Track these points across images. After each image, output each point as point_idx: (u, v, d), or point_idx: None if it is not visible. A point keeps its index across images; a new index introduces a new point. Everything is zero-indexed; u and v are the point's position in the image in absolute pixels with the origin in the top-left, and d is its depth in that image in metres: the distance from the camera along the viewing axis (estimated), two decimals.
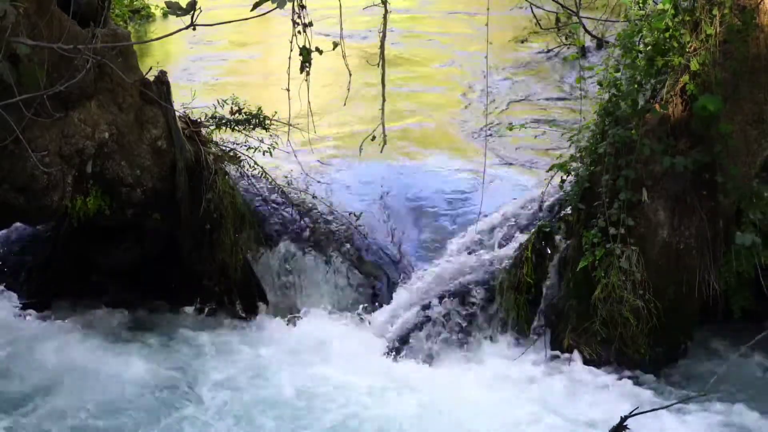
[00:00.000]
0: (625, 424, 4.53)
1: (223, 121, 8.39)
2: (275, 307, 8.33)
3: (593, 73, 7.96)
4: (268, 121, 8.40)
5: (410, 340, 7.80)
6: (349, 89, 6.76)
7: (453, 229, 8.61)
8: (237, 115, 8.43)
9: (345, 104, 7.19)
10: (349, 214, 8.59)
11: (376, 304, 8.12)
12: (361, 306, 8.16)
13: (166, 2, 4.37)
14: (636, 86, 7.33)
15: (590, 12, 10.18)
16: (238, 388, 7.14)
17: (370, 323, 7.99)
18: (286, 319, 8.17)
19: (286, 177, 8.77)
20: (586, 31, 11.71)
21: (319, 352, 7.66)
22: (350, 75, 6.62)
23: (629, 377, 7.23)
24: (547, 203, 8.21)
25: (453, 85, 12.34)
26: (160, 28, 15.20)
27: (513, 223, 8.39)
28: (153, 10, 15.65)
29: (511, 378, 7.29)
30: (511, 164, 9.44)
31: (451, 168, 9.48)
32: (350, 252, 8.39)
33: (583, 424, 6.69)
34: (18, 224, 8.32)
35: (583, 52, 12.05)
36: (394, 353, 7.73)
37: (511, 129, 8.20)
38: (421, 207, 8.92)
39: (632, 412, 4.55)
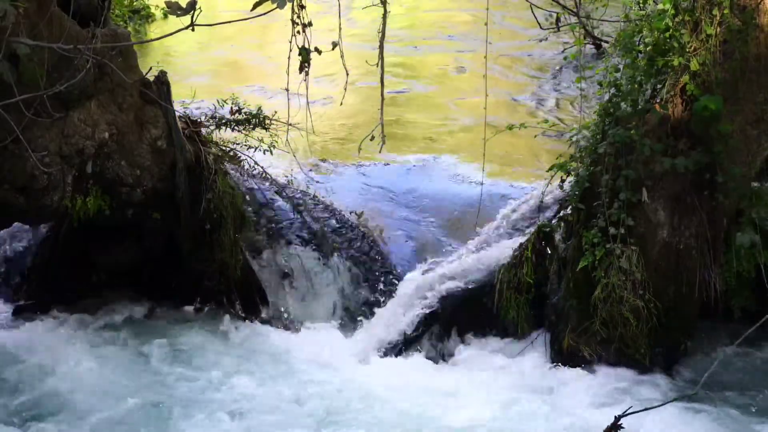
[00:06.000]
0: (619, 423, 4.53)
1: (223, 121, 8.39)
2: (275, 308, 8.32)
3: (593, 73, 7.95)
4: (267, 121, 8.41)
5: (410, 341, 7.80)
6: (345, 89, 6.76)
7: (453, 228, 8.61)
8: (237, 115, 8.43)
9: (342, 104, 7.19)
10: (350, 214, 8.59)
11: (377, 303, 8.11)
12: (361, 305, 8.16)
13: (166, 2, 4.36)
14: (636, 86, 7.33)
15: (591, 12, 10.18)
16: (237, 388, 7.13)
17: (370, 323, 7.99)
18: (287, 319, 8.17)
19: (286, 176, 8.78)
20: (587, 32, 11.72)
21: (319, 352, 7.66)
22: (347, 74, 6.61)
23: (629, 377, 7.23)
24: (547, 203, 8.20)
25: (454, 84, 12.34)
26: (160, 28, 15.21)
27: (513, 223, 8.39)
28: (153, 10, 15.64)
29: (510, 378, 7.29)
30: (511, 164, 9.45)
31: (452, 168, 9.48)
32: (350, 251, 8.39)
33: (582, 424, 6.69)
34: (18, 224, 8.31)
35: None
36: (393, 353, 7.73)
37: (510, 128, 8.17)
38: (421, 206, 8.92)
39: (626, 411, 4.55)
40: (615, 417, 4.57)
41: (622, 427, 4.59)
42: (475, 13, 15.05)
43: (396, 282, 8.23)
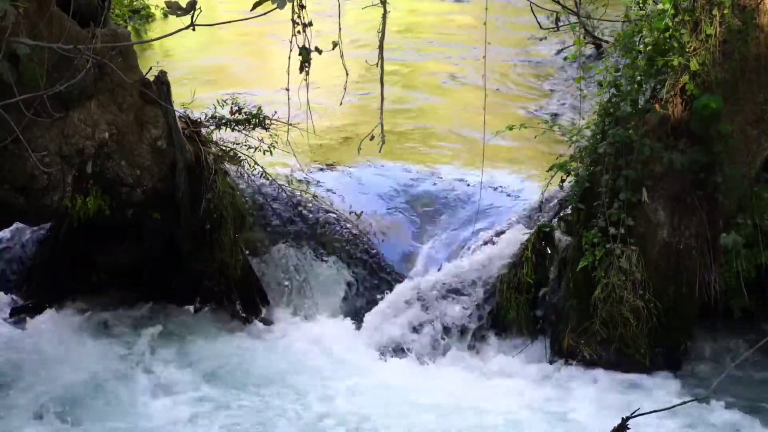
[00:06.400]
0: (626, 424, 4.51)
1: (223, 121, 8.39)
2: (276, 307, 8.32)
3: (593, 72, 7.95)
4: (267, 121, 8.40)
5: (410, 340, 7.80)
6: (345, 88, 6.75)
7: (453, 229, 8.61)
8: (237, 115, 8.43)
9: (341, 104, 7.18)
10: (349, 214, 8.59)
11: (377, 303, 8.11)
12: (361, 305, 8.16)
13: (166, 2, 4.36)
14: (636, 86, 7.34)
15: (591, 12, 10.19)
16: (237, 388, 7.13)
17: (370, 323, 7.99)
18: (287, 319, 8.17)
19: (286, 177, 8.77)
20: (587, 31, 11.73)
21: (319, 352, 7.66)
22: (347, 74, 6.60)
23: (629, 377, 7.23)
24: (547, 203, 8.20)
25: (454, 93, 12.32)
26: (160, 27, 15.20)
27: (513, 223, 8.39)
28: (153, 10, 15.64)
29: (510, 378, 7.29)
30: (511, 164, 9.44)
31: (451, 168, 9.48)
32: (350, 252, 8.39)
33: (582, 424, 6.69)
34: (18, 224, 8.31)
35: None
36: (393, 353, 7.73)
37: (510, 129, 8.17)
38: (421, 207, 8.92)
39: (634, 413, 4.54)
40: (622, 418, 4.55)
41: (629, 428, 4.58)
42: (475, 15, 15.04)
43: (395, 282, 8.23)
